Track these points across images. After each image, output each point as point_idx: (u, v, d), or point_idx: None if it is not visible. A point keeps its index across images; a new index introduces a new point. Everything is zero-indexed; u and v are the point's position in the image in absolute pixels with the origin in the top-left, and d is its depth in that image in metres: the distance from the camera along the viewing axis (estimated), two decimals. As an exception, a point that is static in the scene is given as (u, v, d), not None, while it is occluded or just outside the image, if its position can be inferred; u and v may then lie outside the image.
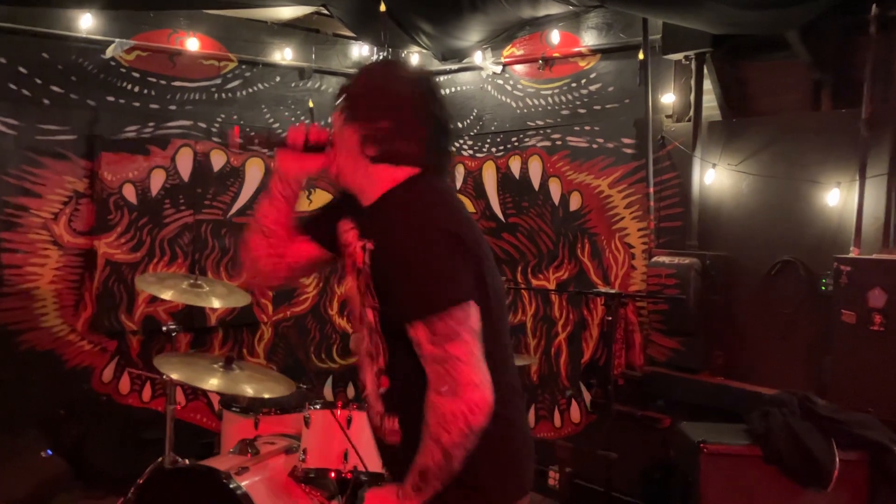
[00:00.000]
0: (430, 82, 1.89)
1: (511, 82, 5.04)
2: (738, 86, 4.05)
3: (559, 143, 4.78)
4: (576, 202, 4.69)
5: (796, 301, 3.73)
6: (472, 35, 4.68)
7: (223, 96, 4.99)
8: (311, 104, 5.30)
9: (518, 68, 4.99)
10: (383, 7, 4.08)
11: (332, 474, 3.17)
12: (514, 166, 5.03)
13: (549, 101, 4.84)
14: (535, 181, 4.91)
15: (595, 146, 4.59)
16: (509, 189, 5.07)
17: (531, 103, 4.94)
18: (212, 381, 3.33)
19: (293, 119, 5.27)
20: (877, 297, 3.27)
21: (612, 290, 4.24)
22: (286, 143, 1.92)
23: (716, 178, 4.06)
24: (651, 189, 4.28)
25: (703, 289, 3.94)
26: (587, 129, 4.63)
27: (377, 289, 1.74)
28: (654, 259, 4.15)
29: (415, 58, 5.40)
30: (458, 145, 5.33)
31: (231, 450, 3.45)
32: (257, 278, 2.10)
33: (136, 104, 4.66)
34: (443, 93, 1.90)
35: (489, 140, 5.19)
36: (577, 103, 4.70)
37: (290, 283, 2.08)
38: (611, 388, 4.05)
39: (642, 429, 4.22)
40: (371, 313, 1.78)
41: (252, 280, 2.14)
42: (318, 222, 2.04)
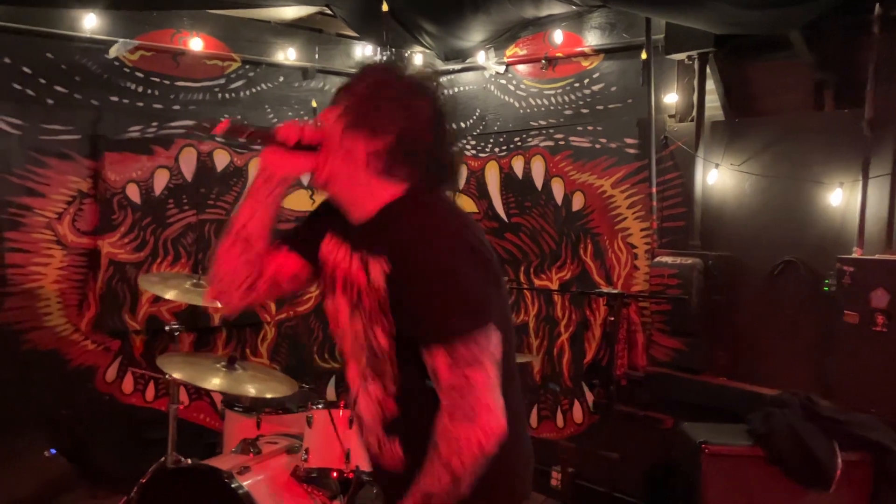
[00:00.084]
0: (438, 87, 1.74)
1: (514, 82, 5.04)
2: (741, 86, 4.04)
3: (562, 142, 4.78)
4: (578, 202, 4.69)
5: (799, 301, 3.73)
6: (475, 35, 4.68)
7: (226, 96, 5.00)
8: (314, 104, 5.31)
9: (521, 68, 4.99)
10: (386, 7, 4.08)
11: (335, 474, 3.18)
12: (517, 166, 5.03)
13: (552, 100, 4.83)
14: (538, 181, 4.91)
15: (598, 146, 4.59)
16: (512, 189, 5.07)
17: (534, 103, 4.94)
18: (214, 381, 3.35)
19: (297, 119, 5.26)
20: (879, 298, 3.27)
21: (615, 291, 4.24)
22: (275, 140, 1.73)
23: (718, 178, 4.05)
24: (654, 189, 4.28)
25: (706, 289, 3.93)
26: (590, 129, 4.63)
27: (393, 312, 1.61)
28: (657, 259, 4.15)
29: (418, 58, 5.40)
30: (462, 147, 5.34)
31: (233, 449, 3.46)
32: (230, 296, 1.82)
33: (139, 104, 4.66)
34: (447, 96, 1.78)
35: (492, 140, 5.19)
36: (580, 103, 4.69)
37: (264, 302, 1.86)
38: (613, 389, 4.06)
39: (645, 429, 4.22)
40: (383, 336, 1.64)
41: (223, 298, 1.83)
42: (303, 234, 1.86)
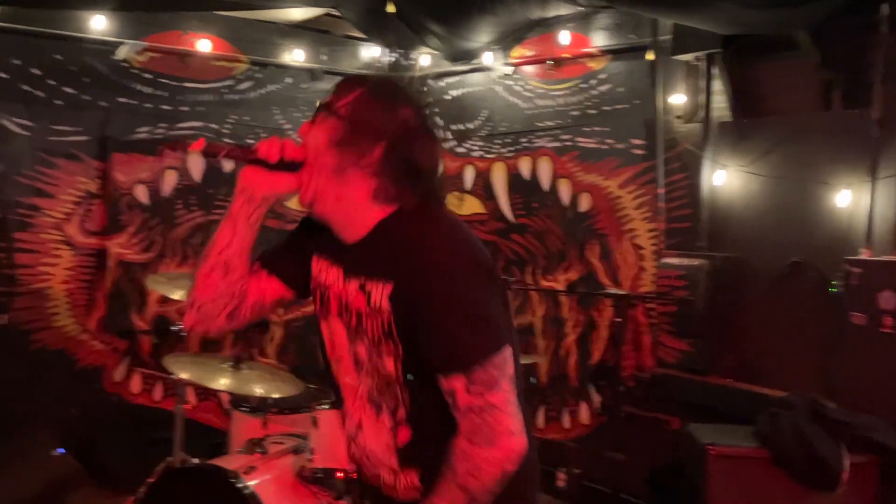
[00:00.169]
0: (421, 101, 1.71)
1: (521, 83, 5.04)
2: (748, 86, 4.03)
3: (569, 143, 4.77)
4: (585, 203, 4.68)
5: (806, 303, 3.72)
6: (482, 36, 4.68)
7: (234, 97, 5.01)
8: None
9: (527, 69, 4.98)
10: (392, 8, 4.08)
11: (340, 474, 3.18)
12: (524, 167, 5.03)
13: (559, 101, 4.83)
14: (545, 182, 4.90)
15: (605, 147, 4.58)
16: (519, 190, 5.06)
17: (541, 104, 4.93)
18: (221, 381, 3.36)
19: (304, 120, 5.26)
20: (887, 299, 3.25)
21: (622, 292, 4.24)
22: (255, 157, 1.66)
23: (726, 179, 4.04)
24: (661, 190, 4.28)
25: (713, 290, 3.92)
26: (597, 129, 4.62)
27: (400, 335, 1.56)
28: (664, 260, 4.14)
29: (425, 59, 5.41)
30: (466, 147, 5.34)
31: (239, 449, 3.47)
32: (209, 324, 1.74)
33: (147, 105, 4.68)
34: (429, 102, 1.74)
35: (499, 141, 5.19)
36: (587, 104, 4.69)
37: (244, 326, 1.79)
38: (620, 390, 4.05)
39: (651, 430, 4.21)
40: (391, 362, 1.58)
41: (202, 327, 1.75)
42: (284, 256, 1.80)
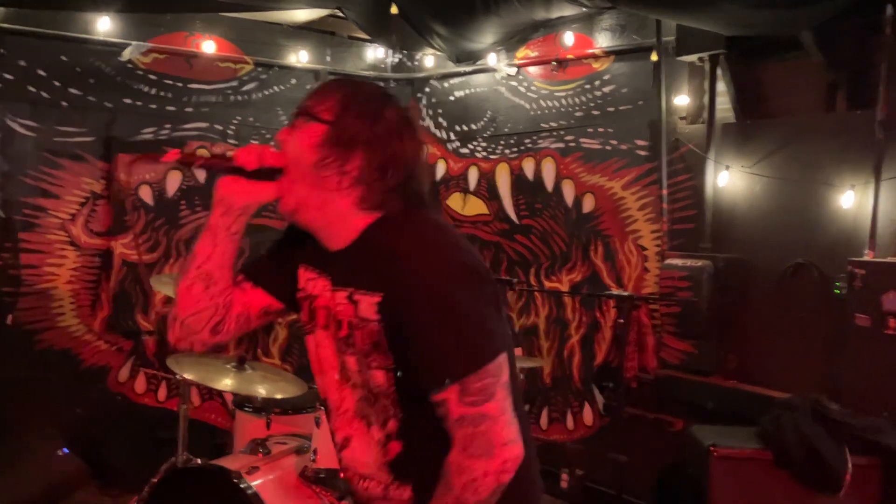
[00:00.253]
0: (404, 103, 1.66)
1: (525, 84, 5.04)
2: (752, 87, 4.02)
3: (572, 144, 4.77)
4: (589, 204, 4.68)
5: (810, 304, 3.71)
6: (486, 37, 4.68)
7: (239, 99, 5.03)
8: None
9: (532, 70, 4.99)
10: (395, 9, 4.09)
11: (343, 475, 3.18)
12: (528, 168, 5.03)
13: (563, 102, 4.83)
14: (549, 183, 4.90)
15: (608, 148, 4.58)
16: (523, 191, 5.06)
17: (545, 105, 4.93)
18: (225, 382, 3.36)
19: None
20: (891, 301, 3.24)
21: (625, 293, 4.23)
22: (232, 166, 1.59)
23: (729, 180, 4.03)
24: (664, 191, 4.27)
25: (716, 291, 3.92)
26: (601, 130, 4.62)
27: (390, 346, 1.51)
28: (667, 261, 4.13)
29: (429, 60, 5.42)
30: (470, 148, 5.34)
31: (243, 449, 3.48)
32: (193, 339, 1.69)
33: (152, 106, 4.70)
34: (411, 104, 1.70)
35: (503, 142, 5.19)
36: (591, 105, 4.69)
37: (231, 339, 1.76)
38: (624, 391, 4.04)
39: (654, 432, 4.21)
40: (381, 374, 1.54)
41: (186, 342, 1.70)
42: (268, 267, 1.75)
